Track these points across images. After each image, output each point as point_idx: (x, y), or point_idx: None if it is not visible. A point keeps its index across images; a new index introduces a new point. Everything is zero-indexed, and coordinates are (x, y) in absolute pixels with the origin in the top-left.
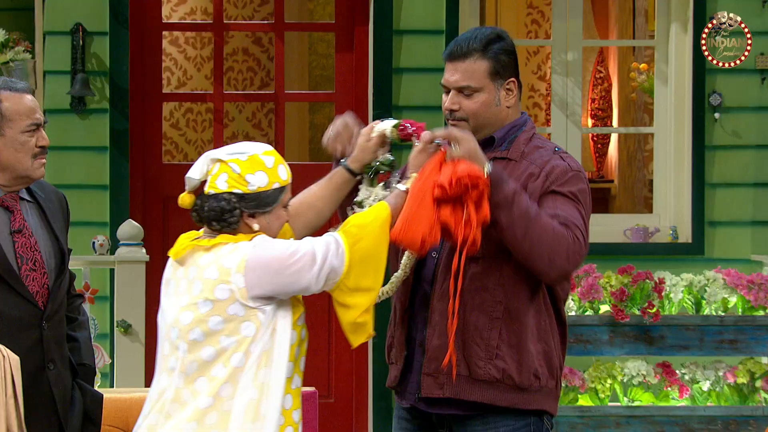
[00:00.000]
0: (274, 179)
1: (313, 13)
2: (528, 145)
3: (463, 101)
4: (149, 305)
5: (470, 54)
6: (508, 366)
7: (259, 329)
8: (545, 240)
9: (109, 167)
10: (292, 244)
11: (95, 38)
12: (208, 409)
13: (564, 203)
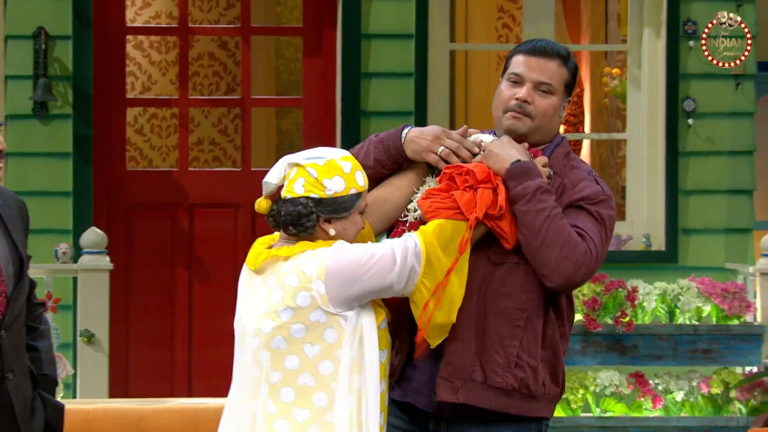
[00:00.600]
0: (351, 185)
1: (280, 16)
2: (565, 163)
3: (537, 98)
4: (113, 314)
5: (556, 57)
6: (526, 375)
7: (343, 336)
8: (558, 242)
9: (72, 174)
10: (371, 248)
11: (58, 42)
12: (307, 422)
13: (587, 220)
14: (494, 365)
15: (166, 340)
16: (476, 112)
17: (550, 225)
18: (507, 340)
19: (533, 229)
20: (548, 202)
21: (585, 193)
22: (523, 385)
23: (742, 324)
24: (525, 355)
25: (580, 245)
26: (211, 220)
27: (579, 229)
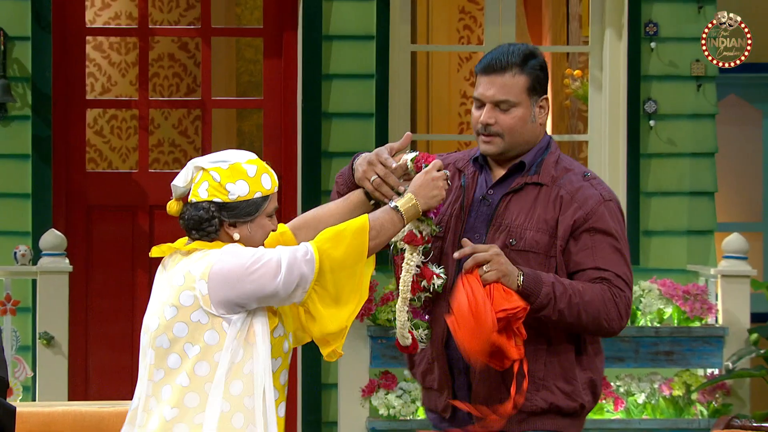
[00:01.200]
0: (256, 188)
1: (241, 18)
2: (556, 168)
3: (500, 116)
4: (72, 317)
5: (509, 68)
6: (555, 397)
7: (224, 339)
8: (597, 314)
9: (31, 175)
10: (258, 251)
11: (17, 43)
12: (174, 420)
13: (602, 247)
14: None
15: (126, 342)
16: (437, 112)
17: (584, 307)
18: (531, 365)
19: (572, 320)
20: (566, 291)
21: (588, 207)
22: (552, 407)
23: (704, 326)
24: (551, 377)
25: (611, 299)
26: (171, 222)
27: (600, 272)
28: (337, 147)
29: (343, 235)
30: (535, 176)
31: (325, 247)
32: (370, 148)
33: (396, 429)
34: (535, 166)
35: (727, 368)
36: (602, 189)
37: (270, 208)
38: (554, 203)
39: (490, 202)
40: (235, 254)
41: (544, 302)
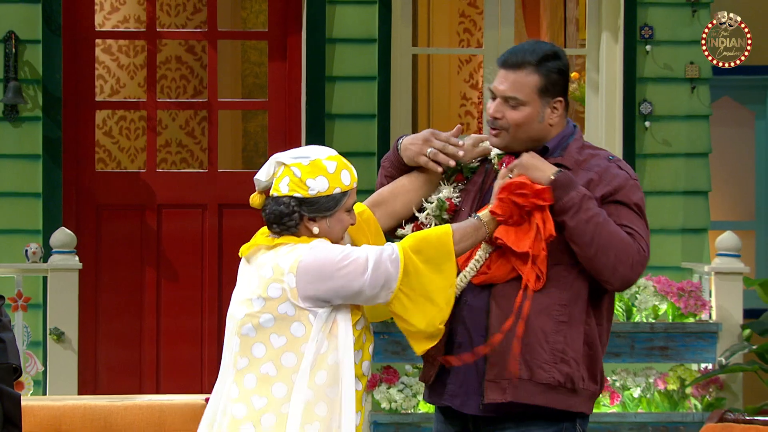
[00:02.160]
0: (335, 184)
1: (246, 21)
2: (581, 153)
3: (507, 111)
4: (82, 313)
5: (523, 66)
6: (571, 370)
7: (310, 331)
8: (612, 247)
9: (42, 175)
10: (347, 249)
11: (28, 46)
12: (263, 410)
13: (629, 215)
14: (540, 361)
15: (134, 338)
16: (438, 113)
17: (602, 232)
18: (552, 336)
19: (585, 239)
20: (595, 209)
21: (616, 183)
22: (568, 380)
23: (698, 322)
24: (569, 350)
25: (632, 246)
26: (179, 221)
27: (628, 228)
28: (341, 147)
29: (428, 240)
30: (559, 158)
31: (411, 249)
32: (372, 149)
33: (397, 422)
34: (559, 149)
35: (720, 363)
36: (628, 169)
37: (349, 203)
38: (584, 184)
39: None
40: (324, 250)
41: (567, 205)
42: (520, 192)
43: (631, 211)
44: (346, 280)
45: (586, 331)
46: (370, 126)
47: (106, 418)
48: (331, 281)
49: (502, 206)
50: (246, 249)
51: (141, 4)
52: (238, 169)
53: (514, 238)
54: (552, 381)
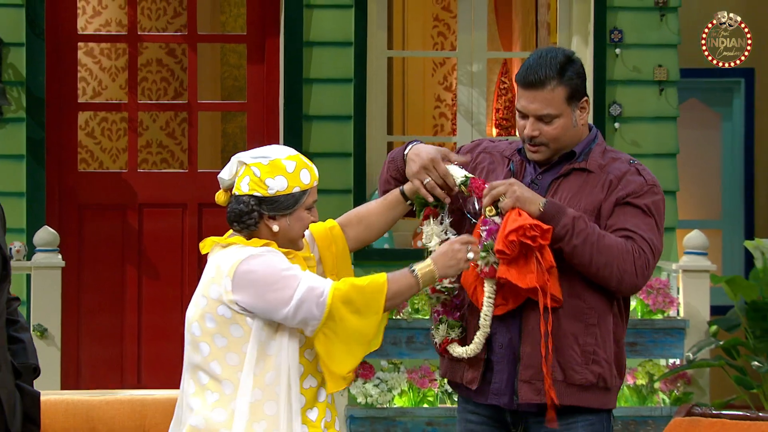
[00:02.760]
0: (294, 183)
1: (225, 25)
2: (604, 156)
3: (543, 128)
4: (65, 310)
5: (547, 82)
6: (603, 370)
7: (249, 333)
8: (612, 260)
9: (25, 175)
10: (286, 274)
11: (12, 49)
12: (216, 404)
13: (635, 215)
14: (573, 363)
15: (116, 334)
16: (413, 115)
17: (599, 249)
18: (582, 338)
19: (584, 260)
20: (587, 229)
21: (630, 188)
22: (601, 379)
23: (666, 319)
24: (600, 350)
25: (630, 253)
26: (160, 220)
27: (628, 231)
28: (318, 148)
29: (362, 291)
30: (583, 163)
31: (341, 298)
32: (348, 150)
33: (373, 416)
34: (583, 155)
35: (687, 359)
36: (647, 174)
37: (309, 201)
38: (602, 187)
39: (539, 186)
40: (263, 264)
41: (561, 233)
42: (532, 235)
43: (638, 211)
44: (271, 306)
45: (614, 330)
46: (347, 127)
47: (88, 413)
48: (258, 300)
49: (512, 247)
50: (204, 246)
51: (122, 8)
52: (217, 170)
53: (516, 275)
54: (585, 382)
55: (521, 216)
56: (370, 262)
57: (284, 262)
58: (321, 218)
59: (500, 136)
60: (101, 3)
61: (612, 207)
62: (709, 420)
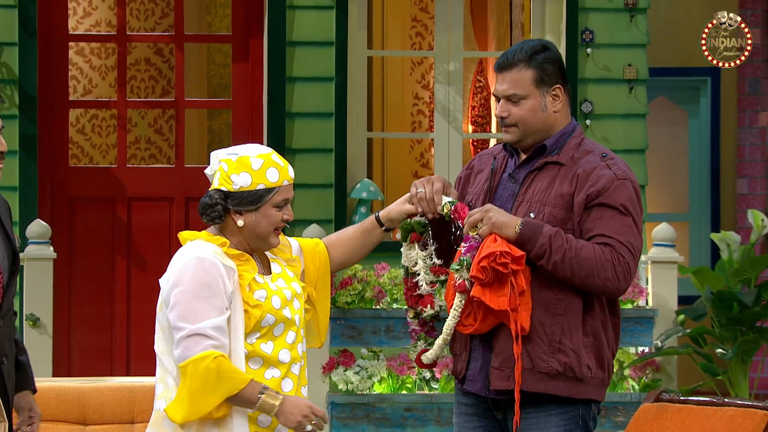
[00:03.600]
0: (258, 180)
1: (211, 25)
2: (578, 149)
3: (512, 108)
4: (57, 300)
5: (516, 64)
6: (569, 360)
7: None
8: (593, 271)
9: (18, 170)
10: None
11: (5, 48)
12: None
13: (611, 218)
14: (539, 352)
15: (105, 323)
16: (392, 112)
17: (580, 263)
18: (549, 328)
19: (565, 274)
20: (563, 245)
21: (600, 184)
22: (568, 369)
23: (636, 308)
24: (567, 340)
25: (610, 260)
26: (148, 213)
27: (605, 238)
28: (300, 144)
29: (217, 383)
30: (555, 156)
31: (201, 374)
32: (330, 146)
33: (353, 402)
34: (557, 148)
35: (656, 346)
36: (616, 169)
37: (277, 200)
38: (571, 180)
39: (516, 180)
40: (187, 277)
41: (539, 252)
42: (503, 261)
43: (615, 213)
44: (173, 316)
45: (588, 322)
46: (328, 124)
47: (79, 399)
48: (172, 306)
49: (485, 272)
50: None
51: (112, 9)
52: (203, 165)
53: (489, 296)
54: (551, 370)
55: (496, 242)
56: None
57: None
58: (305, 212)
59: (476, 132)
60: (91, 4)
61: (584, 203)
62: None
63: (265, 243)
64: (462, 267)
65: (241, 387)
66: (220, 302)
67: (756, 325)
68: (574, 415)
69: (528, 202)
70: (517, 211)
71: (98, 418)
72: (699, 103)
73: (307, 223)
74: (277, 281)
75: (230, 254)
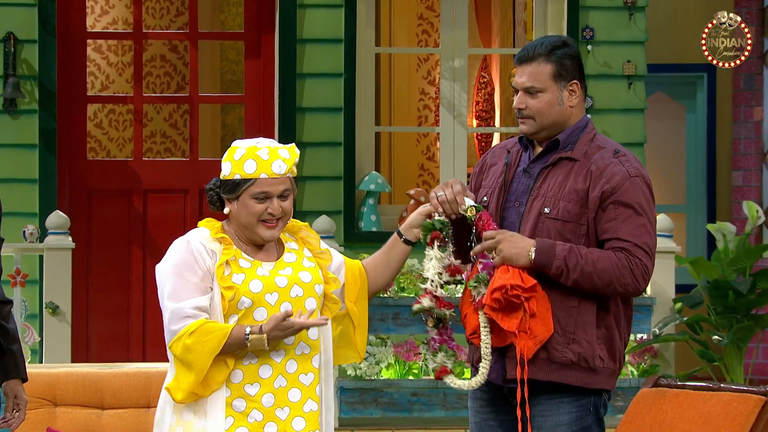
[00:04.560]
0: (236, 170)
1: (224, 23)
2: (590, 145)
3: (529, 101)
4: (75, 288)
5: (535, 58)
6: (584, 350)
7: None
8: (611, 281)
9: (38, 163)
10: (176, 285)
11: (25, 46)
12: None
13: (626, 219)
14: (554, 342)
15: (122, 311)
16: (399, 107)
17: (597, 275)
18: (563, 319)
19: (585, 287)
20: (579, 261)
21: (614, 182)
22: (582, 359)
23: None
24: (580, 332)
25: (627, 267)
26: (163, 205)
27: (620, 242)
28: (310, 138)
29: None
30: (569, 152)
31: (188, 334)
32: (339, 140)
33: (362, 387)
34: (570, 143)
35: (654, 334)
36: (629, 166)
37: (254, 191)
38: (585, 176)
39: (530, 174)
40: (169, 258)
41: (556, 273)
42: (514, 294)
43: (630, 213)
44: (160, 299)
45: (601, 314)
46: (337, 118)
47: (96, 384)
48: (159, 288)
49: (497, 303)
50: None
51: (128, 7)
52: (217, 158)
53: (501, 317)
54: (565, 360)
55: (508, 272)
56: (359, 244)
57: (186, 263)
58: (315, 203)
59: (480, 126)
60: (108, 2)
61: (599, 201)
62: (674, 390)
63: (253, 233)
64: (480, 284)
65: (224, 341)
66: (199, 281)
67: (751, 312)
68: (585, 404)
69: (543, 197)
70: (532, 205)
71: (115, 403)
72: (695, 99)
73: (317, 215)
74: (285, 269)
75: (215, 238)
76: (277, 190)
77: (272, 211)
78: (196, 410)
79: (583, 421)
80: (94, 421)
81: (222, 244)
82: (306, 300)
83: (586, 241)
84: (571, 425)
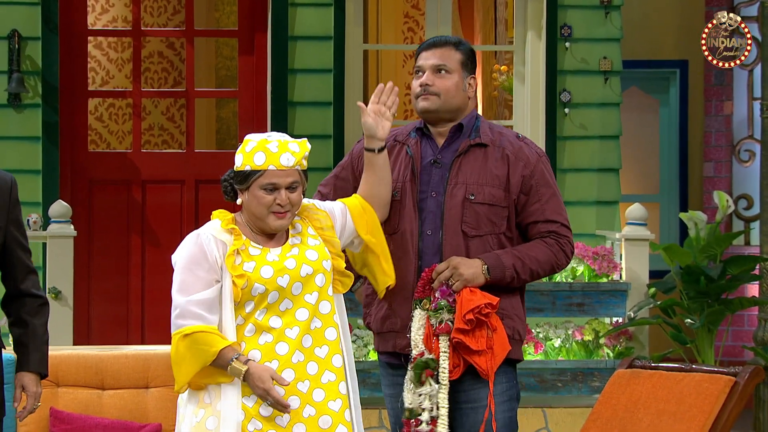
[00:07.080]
0: (246, 162)
1: (219, 21)
2: (492, 131)
3: (437, 79)
4: (77, 274)
5: (447, 44)
6: (515, 324)
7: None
8: (552, 266)
9: (41, 155)
10: (184, 277)
11: (29, 43)
12: None
13: (548, 199)
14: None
15: (122, 296)
16: None
17: (540, 267)
18: (501, 302)
19: (536, 279)
20: (525, 263)
21: (532, 165)
22: (515, 332)
23: (610, 282)
24: (510, 307)
25: (559, 249)
26: (161, 195)
27: (548, 224)
28: (302, 131)
29: (190, 355)
30: (477, 138)
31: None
32: (329, 132)
33: None
34: (473, 130)
35: (629, 317)
36: (535, 147)
37: (262, 182)
38: (502, 161)
39: (441, 165)
40: (179, 253)
41: (509, 280)
42: (486, 312)
43: (551, 192)
44: (174, 277)
45: (521, 293)
46: (327, 112)
47: (97, 365)
48: (174, 274)
49: (470, 324)
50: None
51: (127, 6)
52: (212, 150)
53: (470, 339)
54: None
55: (474, 293)
56: None
57: (194, 258)
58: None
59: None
60: (109, 1)
61: (520, 185)
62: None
63: (263, 223)
64: (443, 310)
65: (211, 359)
66: (207, 274)
67: (721, 297)
68: (510, 374)
69: (463, 184)
70: (453, 193)
71: (115, 383)
72: (669, 93)
73: None
74: (292, 250)
75: (225, 229)
76: (285, 181)
77: (280, 201)
78: (216, 394)
79: (511, 390)
80: (94, 400)
81: (232, 234)
82: (316, 276)
83: (507, 224)
84: (503, 395)
